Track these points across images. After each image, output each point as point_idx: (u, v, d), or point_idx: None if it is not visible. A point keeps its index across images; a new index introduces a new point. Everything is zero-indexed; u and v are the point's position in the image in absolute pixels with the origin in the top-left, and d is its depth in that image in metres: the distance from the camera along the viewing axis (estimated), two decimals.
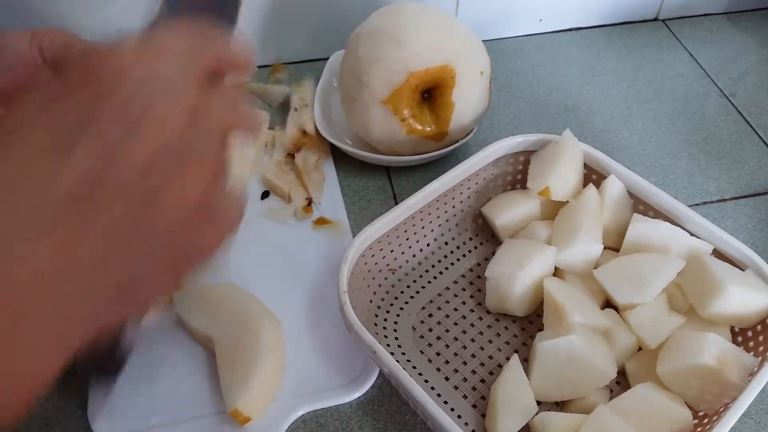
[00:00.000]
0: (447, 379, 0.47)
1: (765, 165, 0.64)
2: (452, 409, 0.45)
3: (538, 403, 0.43)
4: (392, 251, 0.50)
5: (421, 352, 0.48)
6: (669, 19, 0.81)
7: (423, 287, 0.52)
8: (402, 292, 0.51)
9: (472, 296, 0.52)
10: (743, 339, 0.45)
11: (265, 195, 0.59)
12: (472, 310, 0.51)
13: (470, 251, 0.55)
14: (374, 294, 0.50)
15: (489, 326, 0.50)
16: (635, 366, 0.45)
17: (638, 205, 0.51)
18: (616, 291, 0.46)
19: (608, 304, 0.48)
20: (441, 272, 0.53)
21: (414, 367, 0.47)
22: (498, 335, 0.49)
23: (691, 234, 0.47)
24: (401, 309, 0.50)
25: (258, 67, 0.71)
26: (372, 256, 0.49)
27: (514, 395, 0.43)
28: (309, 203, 0.58)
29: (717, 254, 0.47)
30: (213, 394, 0.46)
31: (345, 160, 0.62)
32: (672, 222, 0.48)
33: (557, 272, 0.50)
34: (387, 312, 0.50)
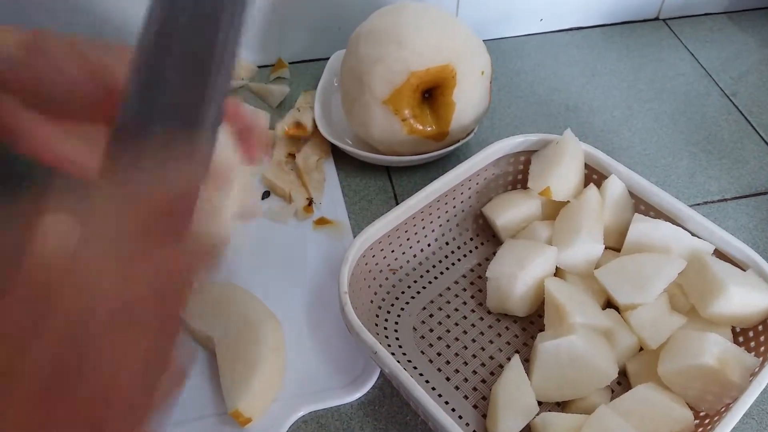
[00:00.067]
0: (448, 380, 0.47)
1: (766, 165, 0.64)
2: (453, 410, 0.45)
3: (539, 404, 0.43)
4: (393, 251, 0.50)
5: (422, 353, 0.48)
6: (670, 19, 0.80)
7: (424, 287, 0.52)
8: (403, 293, 0.51)
9: (473, 296, 0.52)
10: (744, 339, 0.45)
11: (266, 195, 0.59)
12: (473, 311, 0.51)
13: (471, 251, 0.54)
14: (375, 294, 0.50)
15: (490, 326, 0.50)
16: (636, 366, 0.45)
17: (639, 205, 0.51)
18: (617, 291, 0.46)
19: (609, 305, 0.48)
20: (442, 272, 0.53)
21: (415, 368, 0.47)
22: (499, 335, 0.49)
23: (693, 234, 0.47)
24: (402, 309, 0.50)
25: (258, 67, 0.71)
26: (373, 257, 0.49)
27: (515, 396, 0.43)
28: (309, 203, 0.58)
29: (718, 254, 0.47)
30: (214, 395, 0.46)
31: (345, 160, 0.62)
32: (673, 222, 0.48)
33: (558, 272, 0.50)
34: (388, 312, 0.50)
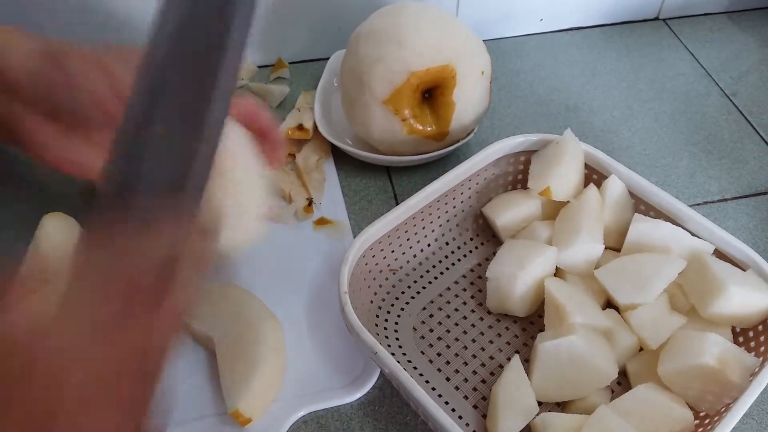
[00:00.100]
0: (448, 380, 0.47)
1: (766, 165, 0.64)
2: (453, 410, 0.45)
3: (539, 404, 0.43)
4: (393, 251, 0.50)
5: (422, 353, 0.48)
6: (670, 19, 0.80)
7: (424, 288, 0.52)
8: (403, 293, 0.51)
9: (473, 297, 0.52)
10: (744, 339, 0.45)
11: None
12: (473, 311, 0.51)
13: (471, 251, 0.54)
14: (375, 294, 0.50)
15: (490, 327, 0.50)
16: (636, 366, 0.45)
17: (639, 205, 0.51)
18: (617, 291, 0.46)
19: (609, 305, 0.48)
20: (442, 272, 0.53)
21: (415, 368, 0.47)
22: (499, 336, 0.49)
23: (693, 234, 0.47)
24: (402, 309, 0.50)
25: (258, 67, 0.71)
26: (373, 257, 0.49)
27: (515, 396, 0.43)
28: (309, 203, 0.58)
29: (718, 254, 0.47)
30: (214, 395, 0.46)
31: (345, 160, 0.62)
32: (673, 222, 0.48)
33: (558, 272, 0.50)
34: (388, 312, 0.50)
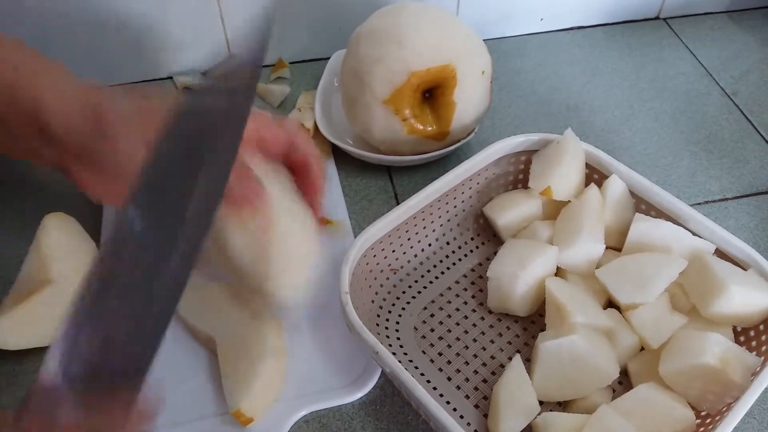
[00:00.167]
0: (449, 380, 0.47)
1: (767, 164, 0.64)
2: (454, 410, 0.45)
3: (541, 404, 0.43)
4: (394, 251, 0.50)
5: (423, 353, 0.48)
6: (670, 18, 0.80)
7: (425, 287, 0.52)
8: (404, 293, 0.51)
9: (474, 296, 0.52)
10: (746, 339, 0.45)
11: None
12: (474, 310, 0.51)
13: (472, 251, 0.54)
14: (376, 294, 0.50)
15: (491, 326, 0.50)
16: (637, 366, 0.45)
17: (640, 205, 0.51)
18: (618, 291, 0.46)
19: (610, 304, 0.48)
20: (443, 272, 0.53)
21: (416, 368, 0.47)
22: (500, 335, 0.49)
23: (693, 233, 0.47)
24: (403, 309, 0.50)
25: None
26: (374, 257, 0.49)
27: (517, 395, 0.43)
28: None
29: (719, 254, 0.47)
30: (215, 395, 0.46)
31: (346, 160, 0.62)
32: (674, 221, 0.48)
33: (559, 272, 0.50)
34: (389, 312, 0.50)
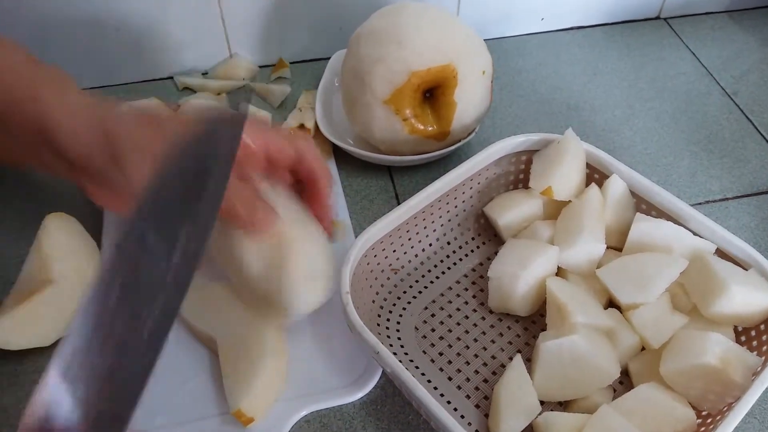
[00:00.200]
0: (450, 379, 0.47)
1: (767, 164, 0.64)
2: (455, 409, 0.45)
3: (542, 403, 0.43)
4: (394, 251, 0.50)
5: (424, 352, 0.48)
6: (671, 18, 0.80)
7: (425, 287, 0.52)
8: (404, 292, 0.51)
9: (475, 296, 0.52)
10: (746, 338, 0.45)
11: None
12: (475, 310, 0.51)
13: (472, 251, 0.54)
14: (377, 294, 0.50)
15: (492, 326, 0.50)
16: (638, 366, 0.45)
17: (641, 205, 0.51)
18: (619, 291, 0.46)
19: (611, 304, 0.48)
20: (443, 272, 0.53)
21: (417, 367, 0.47)
22: (501, 335, 0.49)
23: (694, 233, 0.47)
24: (404, 309, 0.50)
25: (259, 67, 0.71)
26: (374, 257, 0.49)
27: (518, 395, 0.43)
28: None
29: (720, 254, 0.47)
30: (216, 395, 0.46)
31: (347, 160, 0.62)
32: (675, 221, 0.48)
33: (560, 272, 0.50)
34: (389, 312, 0.50)
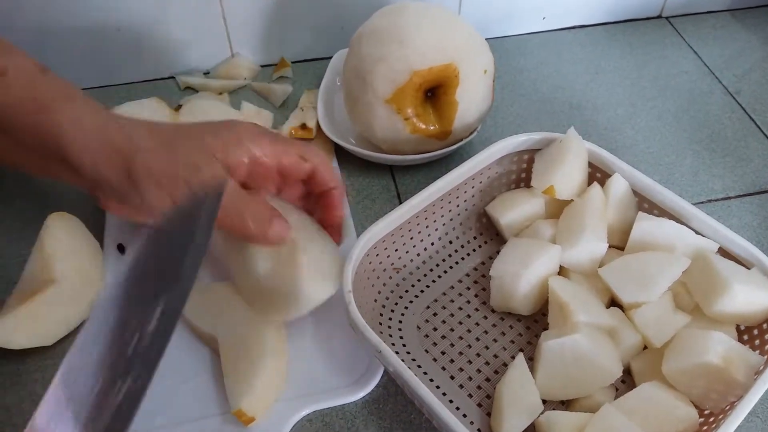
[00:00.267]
0: (452, 378, 0.47)
1: None
2: (457, 408, 0.45)
3: (544, 402, 0.43)
4: (396, 250, 0.50)
5: (426, 351, 0.48)
6: (673, 17, 0.80)
7: (427, 286, 0.52)
8: (406, 291, 0.51)
9: (477, 295, 0.52)
10: (749, 337, 0.45)
11: None
12: (477, 309, 0.51)
13: (474, 250, 0.54)
14: (379, 293, 0.50)
15: (494, 325, 0.50)
16: (640, 365, 0.45)
17: (643, 204, 0.51)
18: (621, 290, 0.46)
19: (613, 303, 0.48)
20: (445, 271, 0.53)
21: (419, 366, 0.47)
22: (503, 334, 0.49)
23: (697, 232, 0.47)
24: (406, 308, 0.50)
25: (261, 67, 0.71)
26: (376, 256, 0.49)
27: (520, 394, 0.43)
28: None
29: (722, 252, 0.47)
30: (217, 394, 0.46)
31: (348, 159, 0.62)
32: (677, 220, 0.48)
33: (562, 271, 0.50)
34: (392, 311, 0.50)
